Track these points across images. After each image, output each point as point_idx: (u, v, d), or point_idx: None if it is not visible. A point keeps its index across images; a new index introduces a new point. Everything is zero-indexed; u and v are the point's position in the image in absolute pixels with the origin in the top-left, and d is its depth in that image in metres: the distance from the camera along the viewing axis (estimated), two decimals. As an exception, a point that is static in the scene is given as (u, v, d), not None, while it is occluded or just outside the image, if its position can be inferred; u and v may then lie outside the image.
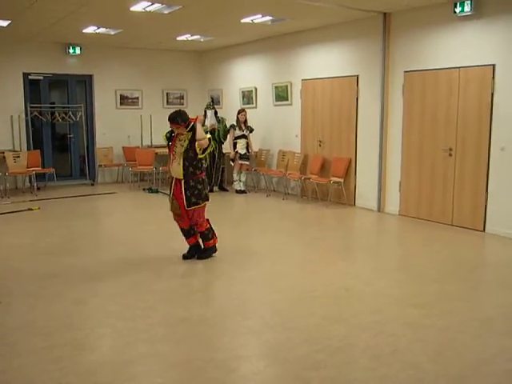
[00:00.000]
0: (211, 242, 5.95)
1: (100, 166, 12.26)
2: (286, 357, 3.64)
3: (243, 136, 10.84)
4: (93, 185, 12.07)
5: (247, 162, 10.94)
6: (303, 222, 8.30)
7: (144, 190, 11.19)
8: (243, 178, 11.00)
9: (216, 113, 11.10)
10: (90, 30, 9.81)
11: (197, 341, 4.08)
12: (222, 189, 11.24)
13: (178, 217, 5.85)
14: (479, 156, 7.29)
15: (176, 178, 5.68)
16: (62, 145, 12.78)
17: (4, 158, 10.54)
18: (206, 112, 10.99)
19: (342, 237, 7.38)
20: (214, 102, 11.52)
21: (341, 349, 3.76)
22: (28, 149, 11.36)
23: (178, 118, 5.54)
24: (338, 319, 4.30)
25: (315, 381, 3.33)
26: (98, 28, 9.70)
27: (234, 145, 10.87)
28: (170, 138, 5.73)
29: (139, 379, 3.37)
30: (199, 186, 5.66)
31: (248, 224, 8.38)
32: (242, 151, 10.84)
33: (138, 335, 4.01)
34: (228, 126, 11.00)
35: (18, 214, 8.70)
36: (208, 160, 10.98)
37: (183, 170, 5.57)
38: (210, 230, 5.93)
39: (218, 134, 10.97)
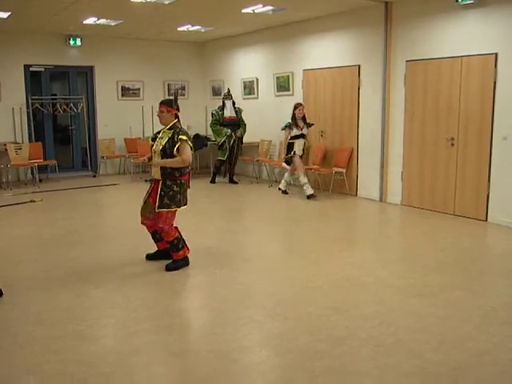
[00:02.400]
0: (181, 253, 5.41)
1: (102, 157, 12.24)
2: (289, 347, 3.65)
3: (302, 135, 9.12)
4: (95, 176, 12.07)
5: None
6: (305, 213, 8.29)
7: (146, 180, 11.12)
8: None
9: (234, 103, 10.85)
10: (91, 21, 9.76)
11: (199, 331, 4.10)
12: (232, 181, 11.05)
13: (146, 219, 5.49)
14: (481, 145, 7.26)
15: (155, 179, 5.34)
16: (63, 137, 12.79)
17: (6, 150, 10.53)
18: (224, 102, 10.78)
19: (344, 227, 7.37)
20: (230, 92, 10.97)
21: (343, 339, 3.76)
22: (30, 141, 11.34)
23: (165, 100, 5.35)
24: (340, 309, 4.31)
25: (318, 371, 3.33)
26: (99, 19, 9.64)
27: (290, 145, 9.10)
28: (154, 138, 5.44)
29: (141, 369, 3.38)
30: (175, 188, 5.22)
31: (249, 214, 8.37)
32: (301, 152, 9.17)
33: (141, 325, 4.03)
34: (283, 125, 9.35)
35: (20, 205, 8.71)
36: (227, 152, 10.83)
37: (160, 168, 5.20)
38: (180, 239, 5.42)
39: (240, 132, 10.77)
